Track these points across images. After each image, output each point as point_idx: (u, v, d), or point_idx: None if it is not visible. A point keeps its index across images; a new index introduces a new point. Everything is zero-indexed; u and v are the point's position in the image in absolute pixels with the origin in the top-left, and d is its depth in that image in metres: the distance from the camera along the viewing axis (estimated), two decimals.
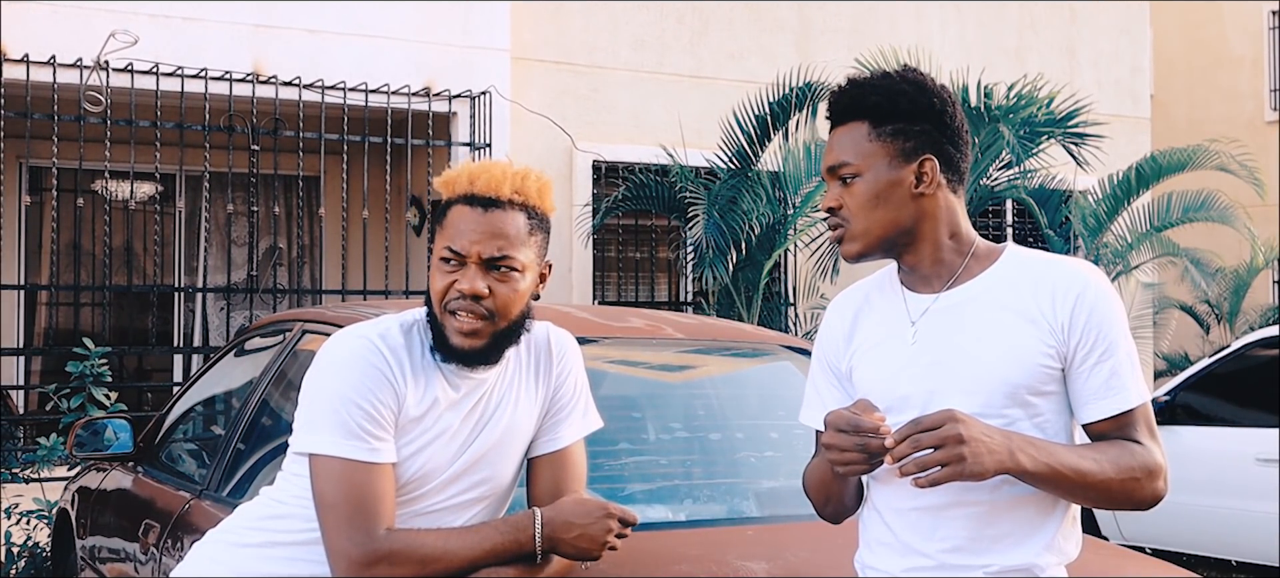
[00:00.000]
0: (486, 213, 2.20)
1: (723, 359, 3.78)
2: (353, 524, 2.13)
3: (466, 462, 2.28)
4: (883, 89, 2.10)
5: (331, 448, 2.16)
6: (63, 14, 7.46)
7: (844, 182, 2.10)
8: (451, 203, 2.25)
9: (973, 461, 1.87)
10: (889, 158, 2.08)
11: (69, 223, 8.69)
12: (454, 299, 2.20)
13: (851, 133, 2.10)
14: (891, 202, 2.08)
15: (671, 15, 9.60)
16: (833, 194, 2.12)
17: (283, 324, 3.89)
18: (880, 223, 2.09)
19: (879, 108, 2.09)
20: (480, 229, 2.20)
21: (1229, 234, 11.17)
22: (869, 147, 2.08)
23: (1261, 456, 6.91)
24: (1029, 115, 8.80)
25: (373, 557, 2.12)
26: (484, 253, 2.19)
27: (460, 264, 2.20)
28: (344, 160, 8.28)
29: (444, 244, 2.21)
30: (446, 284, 2.21)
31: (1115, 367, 2.02)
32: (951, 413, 1.90)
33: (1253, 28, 16.97)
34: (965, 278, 2.11)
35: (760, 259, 8.42)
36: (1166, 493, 2.05)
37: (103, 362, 6.70)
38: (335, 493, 2.15)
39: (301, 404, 2.24)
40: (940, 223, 2.11)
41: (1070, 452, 1.98)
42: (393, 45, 8.31)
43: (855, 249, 2.12)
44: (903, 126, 2.08)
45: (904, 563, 2.08)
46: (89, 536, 4.52)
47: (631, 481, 3.14)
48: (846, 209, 2.10)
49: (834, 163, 2.11)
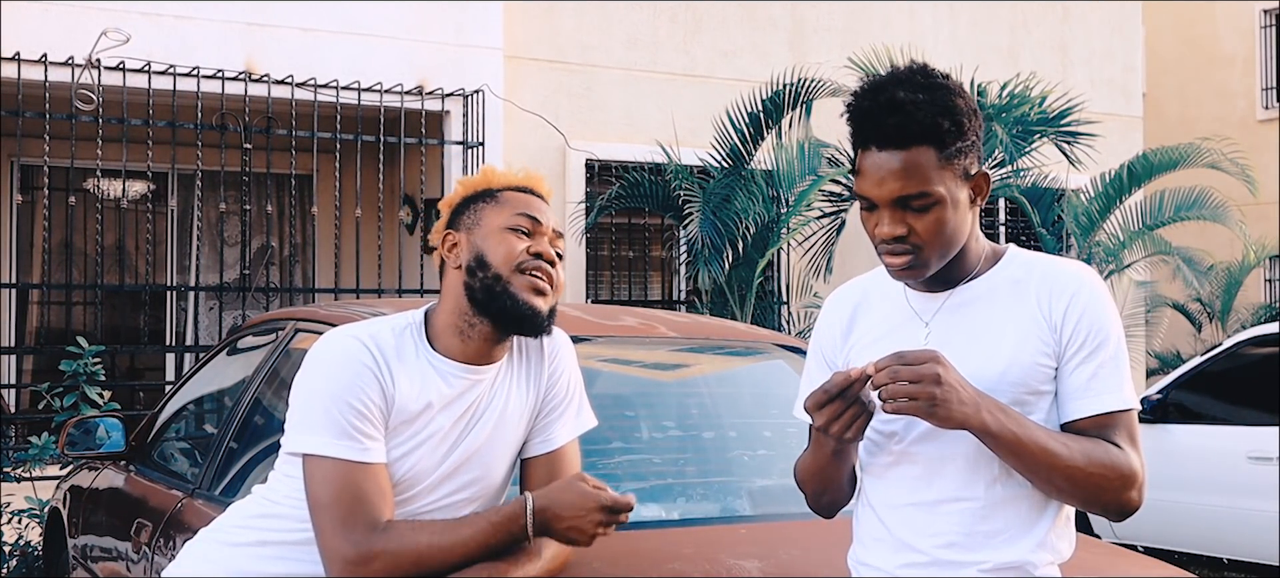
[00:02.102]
0: (543, 201, 2.40)
1: (716, 358, 3.78)
2: (346, 524, 2.14)
3: (454, 463, 2.28)
4: (947, 109, 2.00)
5: (323, 448, 2.17)
6: (54, 12, 7.45)
7: (913, 209, 2.00)
8: (509, 189, 2.38)
9: (942, 405, 1.87)
10: (957, 181, 2.02)
11: (61, 222, 8.68)
12: (527, 260, 2.30)
13: (919, 159, 1.98)
14: (959, 224, 2.03)
15: (664, 14, 9.60)
16: (897, 221, 2.00)
17: (275, 323, 3.89)
18: (950, 245, 2.04)
19: (947, 133, 1.99)
20: (544, 214, 2.37)
21: (1221, 232, 11.20)
22: (940, 173, 1.99)
23: (1254, 453, 6.93)
24: (1022, 114, 8.82)
25: (366, 555, 2.12)
26: (552, 228, 2.37)
27: (529, 234, 2.33)
28: (337, 159, 8.27)
29: (517, 211, 2.33)
30: (520, 247, 2.30)
31: (1099, 368, 2.02)
32: (934, 354, 1.91)
33: (1244, 26, 17.02)
34: (972, 277, 2.11)
35: (754, 258, 8.42)
36: (1140, 505, 2.02)
37: (95, 361, 6.69)
38: (327, 493, 2.16)
39: (292, 405, 2.25)
40: (975, 228, 2.11)
41: (1041, 431, 1.97)
42: (386, 44, 8.30)
43: (924, 273, 2.05)
44: (961, 145, 2.02)
45: (898, 560, 2.08)
46: (81, 534, 4.52)
47: (625, 479, 3.14)
48: (918, 237, 2.01)
49: (908, 193, 1.98)
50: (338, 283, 8.50)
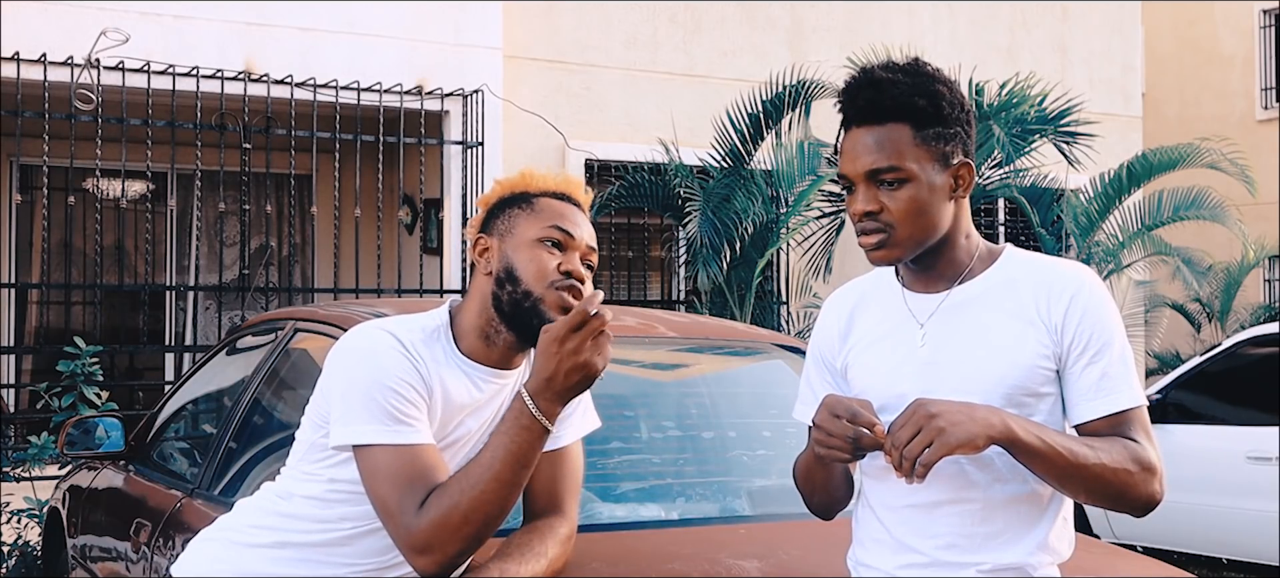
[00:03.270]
0: (579, 210, 2.34)
1: (715, 358, 3.78)
2: (409, 506, 2.09)
3: None
4: (926, 91, 2.03)
5: (375, 437, 2.12)
6: (54, 12, 7.44)
7: (886, 185, 2.02)
8: (545, 194, 2.33)
9: (951, 428, 1.86)
10: (933, 163, 2.02)
11: (60, 221, 8.67)
12: (559, 279, 2.24)
13: (893, 134, 2.02)
14: (934, 208, 2.03)
15: (664, 14, 9.60)
16: (870, 197, 2.03)
17: (275, 323, 3.88)
18: (924, 229, 2.03)
19: (923, 111, 2.02)
20: (581, 225, 2.31)
21: (1220, 233, 11.20)
22: (915, 151, 2.01)
23: (1253, 453, 6.93)
24: (1021, 114, 8.82)
25: (429, 533, 2.07)
26: (588, 244, 2.30)
27: (563, 249, 2.27)
28: (336, 159, 8.27)
29: (550, 223, 2.28)
30: (553, 264, 2.25)
31: (1108, 367, 2.02)
32: (915, 400, 1.91)
33: (1243, 26, 17.01)
34: (968, 278, 2.10)
35: (753, 258, 8.42)
36: (1163, 496, 2.02)
37: (94, 360, 6.69)
38: (386, 481, 2.11)
39: (333, 399, 2.19)
40: (963, 225, 2.10)
41: (1065, 437, 1.97)
42: (385, 43, 8.30)
43: (896, 255, 2.06)
44: (942, 130, 2.03)
45: (898, 561, 2.08)
46: (80, 534, 4.51)
47: (624, 479, 3.14)
48: (889, 214, 2.02)
49: (877, 167, 2.01)
50: (337, 283, 8.49)
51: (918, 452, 1.87)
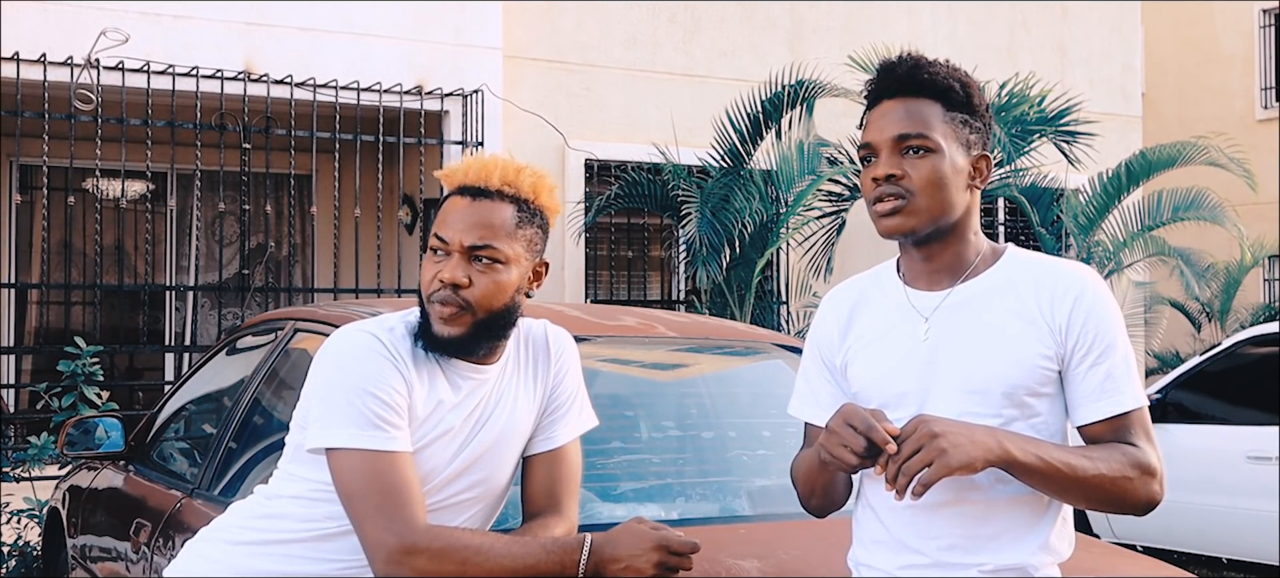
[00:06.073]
0: (475, 202, 2.21)
1: (715, 358, 3.77)
2: (384, 514, 2.09)
3: (465, 462, 2.27)
4: (961, 79, 2.09)
5: (350, 440, 2.12)
6: (53, 12, 7.44)
7: (911, 152, 2.04)
8: (449, 194, 2.27)
9: (952, 450, 1.88)
10: (958, 144, 2.06)
11: (60, 222, 8.67)
12: (435, 288, 2.20)
13: (924, 108, 2.05)
14: (953, 188, 2.05)
15: (664, 14, 9.60)
16: (893, 162, 2.04)
17: (274, 323, 3.88)
18: (940, 206, 2.04)
19: (954, 94, 2.07)
20: (466, 219, 2.20)
21: (1219, 233, 11.19)
22: (943, 127, 2.05)
23: (1253, 453, 6.93)
24: (1021, 113, 8.82)
25: (411, 547, 2.07)
26: (466, 241, 2.19)
27: (447, 253, 2.21)
28: (335, 159, 8.27)
29: (433, 232, 2.24)
30: (433, 273, 2.21)
31: (1111, 369, 2.02)
32: (919, 417, 1.92)
33: (1243, 26, 17.01)
34: (971, 276, 2.10)
35: (753, 257, 8.42)
36: (1163, 497, 2.02)
37: (94, 360, 6.69)
38: (360, 485, 2.11)
39: (312, 401, 2.20)
40: (973, 220, 2.12)
41: (1062, 449, 1.98)
42: (385, 44, 8.30)
43: (910, 225, 2.05)
44: (969, 118, 2.08)
45: (899, 561, 2.08)
46: (80, 535, 4.51)
47: (624, 479, 3.14)
48: (910, 181, 2.03)
49: (905, 132, 2.03)
50: (337, 283, 8.49)
51: (917, 469, 1.88)
